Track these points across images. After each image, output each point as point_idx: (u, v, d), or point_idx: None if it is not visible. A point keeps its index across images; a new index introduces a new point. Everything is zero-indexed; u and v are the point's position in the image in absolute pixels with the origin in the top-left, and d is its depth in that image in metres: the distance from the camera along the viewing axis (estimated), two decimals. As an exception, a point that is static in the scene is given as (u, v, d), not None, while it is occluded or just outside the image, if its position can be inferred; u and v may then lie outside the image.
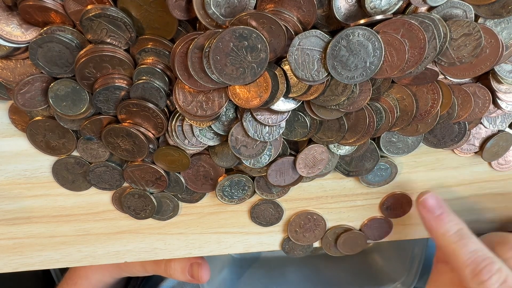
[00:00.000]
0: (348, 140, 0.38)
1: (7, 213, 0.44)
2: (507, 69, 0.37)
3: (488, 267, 0.36)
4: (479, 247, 0.38)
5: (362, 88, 0.35)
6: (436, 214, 0.41)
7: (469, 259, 0.37)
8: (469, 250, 0.37)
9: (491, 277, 0.35)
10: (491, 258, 0.37)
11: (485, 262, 0.36)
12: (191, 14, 0.32)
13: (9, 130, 0.40)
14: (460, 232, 0.39)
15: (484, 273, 0.36)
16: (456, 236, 0.39)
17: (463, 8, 0.33)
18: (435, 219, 0.40)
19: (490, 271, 0.36)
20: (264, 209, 0.45)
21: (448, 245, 0.39)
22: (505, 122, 0.41)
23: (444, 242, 0.39)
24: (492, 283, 0.35)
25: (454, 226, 0.39)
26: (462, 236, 0.39)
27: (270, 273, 0.67)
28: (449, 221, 0.40)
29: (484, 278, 0.36)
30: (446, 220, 0.40)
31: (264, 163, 0.39)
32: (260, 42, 0.32)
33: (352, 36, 0.32)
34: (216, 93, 0.35)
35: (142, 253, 0.47)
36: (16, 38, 0.33)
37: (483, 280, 0.36)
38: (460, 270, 0.37)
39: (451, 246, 0.39)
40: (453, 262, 0.39)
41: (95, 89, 0.35)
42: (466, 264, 0.37)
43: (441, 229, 0.40)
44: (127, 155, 0.39)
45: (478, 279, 0.36)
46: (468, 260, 0.37)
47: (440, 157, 0.44)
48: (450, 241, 0.39)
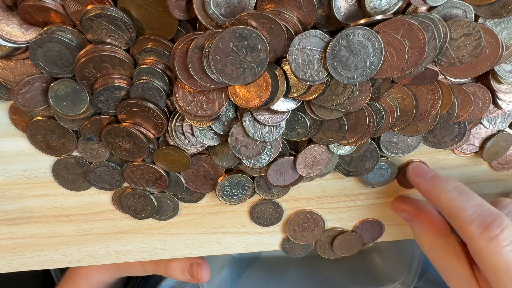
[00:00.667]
0: (348, 140, 0.38)
1: (7, 213, 0.44)
2: (507, 69, 0.37)
3: (497, 221, 0.33)
4: (482, 202, 0.35)
5: (362, 88, 0.35)
6: (429, 176, 0.39)
7: (475, 213, 0.34)
8: (473, 204, 0.34)
9: (502, 232, 0.32)
10: (497, 213, 0.33)
11: (493, 216, 0.33)
12: (191, 14, 0.32)
13: (9, 130, 0.40)
14: (458, 188, 0.36)
15: (494, 227, 0.32)
16: (455, 191, 0.36)
17: (463, 8, 0.33)
18: (429, 180, 0.38)
19: (499, 225, 0.32)
20: (264, 209, 0.45)
21: (449, 202, 0.36)
22: (505, 122, 0.41)
23: (444, 201, 0.36)
24: (504, 239, 0.32)
25: (451, 182, 0.37)
26: (462, 192, 0.36)
27: (270, 273, 0.67)
28: (443, 179, 0.38)
29: (495, 233, 0.32)
30: (441, 179, 0.38)
31: (264, 163, 0.39)
32: (260, 42, 0.32)
33: (352, 36, 0.32)
34: (216, 93, 0.35)
35: (142, 253, 0.47)
36: (16, 38, 0.33)
37: (494, 235, 0.32)
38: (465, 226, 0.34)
39: (451, 203, 0.36)
40: (455, 219, 0.35)
41: (95, 89, 0.35)
42: (472, 219, 0.33)
43: (437, 188, 0.37)
44: (127, 155, 0.39)
45: (487, 235, 0.32)
46: (473, 214, 0.34)
47: (440, 157, 0.44)
48: (450, 197, 0.36)
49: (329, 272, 0.66)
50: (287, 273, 0.66)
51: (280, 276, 0.66)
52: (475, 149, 0.43)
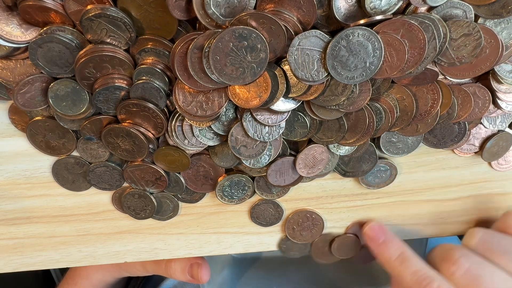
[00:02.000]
0: (348, 140, 0.38)
1: (7, 213, 0.44)
2: (507, 69, 0.37)
3: (430, 285, 0.37)
4: (419, 267, 0.39)
5: (362, 88, 0.35)
6: (380, 241, 0.43)
7: (411, 280, 0.39)
8: (411, 272, 0.39)
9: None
10: (431, 277, 0.38)
11: (425, 282, 0.38)
12: (191, 14, 0.32)
13: (9, 130, 0.40)
14: (402, 256, 0.41)
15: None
16: (399, 260, 0.41)
17: (463, 8, 0.33)
18: (379, 246, 0.43)
19: None
20: (264, 209, 0.45)
21: (393, 270, 0.41)
22: (505, 122, 0.41)
23: (390, 268, 0.41)
24: None
25: (396, 250, 0.41)
26: (404, 259, 0.41)
27: (271, 273, 0.67)
28: (391, 246, 0.42)
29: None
30: (389, 246, 0.42)
31: (264, 163, 0.39)
32: (260, 42, 0.32)
33: (352, 36, 0.32)
34: (216, 93, 0.35)
35: (142, 253, 0.47)
36: (16, 38, 0.33)
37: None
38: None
39: (395, 270, 0.41)
40: (399, 285, 0.41)
41: (95, 89, 0.35)
42: (409, 286, 0.39)
43: (385, 255, 0.42)
44: (127, 155, 0.39)
45: None
46: (410, 281, 0.39)
47: (440, 157, 0.44)
48: (394, 265, 0.41)
49: (329, 272, 0.66)
50: (287, 273, 0.66)
51: (281, 277, 0.66)
52: (475, 149, 0.43)
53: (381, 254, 0.43)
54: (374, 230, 0.44)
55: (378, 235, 0.44)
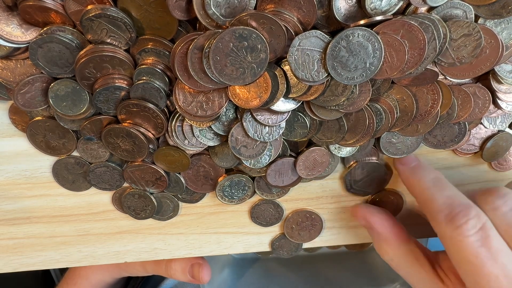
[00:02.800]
0: (348, 141, 0.38)
1: (7, 213, 0.44)
2: (507, 69, 0.37)
3: (464, 212, 0.33)
4: (455, 193, 0.35)
5: (361, 88, 0.35)
6: (412, 165, 0.40)
7: (444, 203, 0.34)
8: (445, 195, 0.35)
9: (467, 222, 0.33)
10: (468, 204, 0.34)
11: (461, 207, 0.33)
12: (191, 14, 0.32)
13: (9, 130, 0.40)
14: (436, 179, 0.37)
15: (460, 217, 0.33)
16: (431, 181, 0.37)
17: (463, 8, 0.33)
18: (410, 169, 0.39)
19: (466, 215, 0.33)
20: (264, 209, 0.45)
21: (423, 192, 0.37)
22: (505, 122, 0.41)
23: (420, 189, 0.37)
24: (468, 228, 0.32)
25: (430, 173, 0.38)
26: (438, 182, 0.37)
27: (271, 274, 0.67)
28: (424, 169, 0.38)
29: (460, 223, 0.33)
30: (422, 169, 0.38)
31: (264, 163, 0.39)
32: (260, 42, 0.32)
33: (352, 37, 0.32)
34: (216, 93, 0.35)
35: (142, 253, 0.47)
36: (16, 38, 0.33)
37: (459, 225, 0.33)
38: (434, 215, 0.35)
39: (426, 192, 0.36)
40: (427, 208, 0.36)
41: (95, 89, 0.35)
42: (441, 209, 0.34)
43: (416, 177, 0.38)
44: (127, 156, 0.39)
45: (453, 224, 0.33)
46: (443, 204, 0.34)
47: (440, 157, 0.44)
48: (425, 187, 0.37)
49: (329, 272, 0.66)
50: (287, 273, 0.67)
51: (281, 277, 0.66)
52: (475, 149, 0.43)
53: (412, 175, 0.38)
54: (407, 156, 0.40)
55: (410, 160, 0.40)
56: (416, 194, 0.38)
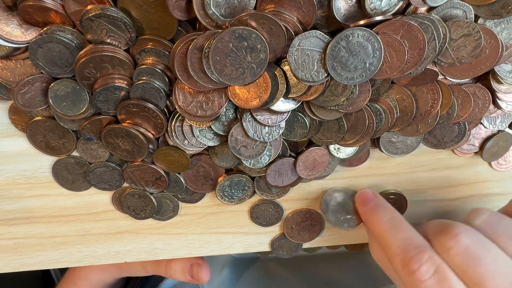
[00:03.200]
0: (348, 141, 0.38)
1: (7, 213, 0.44)
2: (507, 69, 0.37)
3: (418, 256, 0.33)
4: (410, 235, 0.35)
5: (361, 89, 0.35)
6: (370, 205, 0.40)
7: (399, 247, 0.34)
8: (400, 238, 0.35)
9: (420, 267, 0.32)
10: (422, 247, 0.33)
11: (415, 251, 0.33)
12: (191, 15, 0.32)
13: (9, 130, 0.40)
14: (392, 221, 0.37)
15: (414, 262, 0.33)
16: (387, 224, 0.37)
17: (463, 8, 0.33)
18: (369, 209, 0.39)
19: (419, 260, 0.33)
20: (264, 209, 0.45)
21: (381, 235, 0.37)
22: (505, 122, 0.41)
23: (377, 232, 0.37)
24: (422, 274, 0.32)
25: (387, 214, 0.38)
26: (394, 224, 0.36)
27: (271, 273, 0.67)
28: (381, 209, 0.38)
29: (414, 268, 0.32)
30: (379, 209, 0.39)
31: (264, 163, 0.39)
32: (260, 42, 0.32)
33: (352, 37, 0.32)
34: (216, 93, 0.35)
35: (142, 253, 0.47)
36: (16, 38, 0.33)
37: (413, 270, 0.32)
38: (391, 259, 0.35)
39: (383, 235, 0.36)
40: (385, 251, 0.36)
41: (95, 89, 0.35)
42: (397, 253, 0.34)
43: (374, 218, 0.38)
44: (126, 156, 0.39)
45: (408, 270, 0.33)
46: (398, 248, 0.34)
47: (440, 157, 0.44)
48: (382, 229, 0.37)
49: (329, 272, 0.66)
50: (287, 273, 0.67)
51: (280, 277, 0.66)
52: (475, 149, 0.43)
53: (369, 216, 0.39)
54: (365, 194, 0.40)
55: (369, 199, 0.40)
56: (376, 236, 0.38)
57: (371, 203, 0.40)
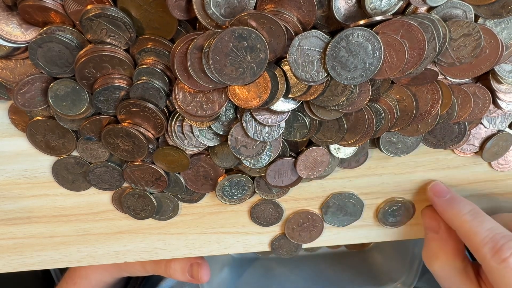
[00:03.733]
0: (348, 141, 0.38)
1: (7, 213, 0.44)
2: (507, 69, 0.37)
3: (508, 244, 0.35)
4: (495, 225, 0.37)
5: (361, 88, 0.35)
6: (447, 197, 0.41)
7: (487, 236, 0.36)
8: (486, 228, 0.36)
9: None
10: (510, 236, 0.35)
11: (504, 239, 0.35)
12: (191, 14, 0.32)
13: (9, 130, 0.40)
14: (474, 211, 0.38)
15: (505, 250, 0.34)
16: (470, 214, 0.38)
17: (463, 8, 0.33)
18: (447, 201, 0.40)
19: (510, 248, 0.34)
20: (264, 209, 0.45)
21: (463, 224, 0.38)
22: (505, 122, 0.41)
23: (459, 222, 0.38)
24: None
25: (467, 205, 0.39)
26: (477, 215, 0.38)
27: (270, 273, 0.67)
28: (460, 201, 0.40)
29: (506, 255, 0.34)
30: (458, 201, 0.40)
31: (264, 163, 0.39)
32: (260, 42, 0.32)
33: (352, 37, 0.32)
34: (216, 93, 0.35)
35: (142, 253, 0.47)
36: (16, 38, 0.33)
37: (505, 258, 0.34)
38: (478, 248, 0.36)
39: (466, 225, 0.38)
40: (470, 241, 0.37)
41: (95, 89, 0.35)
42: (485, 242, 0.36)
43: (454, 210, 0.39)
44: (126, 156, 0.39)
45: (499, 257, 0.35)
46: (486, 238, 0.36)
47: (440, 157, 0.44)
48: (465, 219, 0.38)
49: (329, 271, 0.66)
50: (287, 273, 0.67)
51: (281, 276, 0.66)
52: (475, 149, 0.43)
53: (449, 208, 0.40)
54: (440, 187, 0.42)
55: (444, 191, 0.41)
56: (456, 226, 0.39)
57: (447, 195, 0.41)
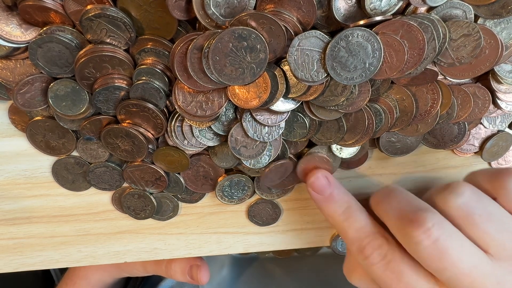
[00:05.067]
0: (347, 141, 0.38)
1: (7, 213, 0.44)
2: (507, 69, 0.37)
3: (371, 243, 0.36)
4: (364, 224, 0.38)
5: (361, 89, 0.35)
6: (326, 195, 0.40)
7: (353, 237, 0.38)
8: (356, 228, 0.38)
9: (373, 252, 0.36)
10: (374, 234, 0.37)
11: (368, 239, 0.37)
12: (190, 14, 0.32)
13: (9, 130, 0.40)
14: (348, 211, 0.39)
15: (368, 249, 0.36)
16: (344, 215, 0.39)
17: (462, 8, 0.33)
18: (324, 200, 0.40)
19: (372, 247, 0.36)
20: (262, 208, 0.45)
21: (338, 225, 0.39)
22: (505, 122, 0.41)
23: (334, 223, 0.39)
24: (373, 257, 0.36)
25: (342, 204, 0.39)
26: (350, 215, 0.39)
27: (270, 273, 0.67)
28: (337, 200, 0.40)
29: (368, 254, 0.36)
30: (335, 200, 0.40)
31: (265, 163, 0.39)
32: (260, 42, 0.32)
33: (351, 37, 0.32)
34: (216, 93, 0.35)
35: (142, 253, 0.47)
36: (16, 38, 0.33)
37: (367, 256, 0.36)
38: (349, 248, 0.38)
39: (340, 225, 0.39)
40: (344, 240, 0.40)
41: (95, 89, 0.35)
42: (352, 242, 0.38)
43: (329, 210, 0.40)
44: (126, 156, 0.39)
45: (362, 255, 0.37)
46: (352, 239, 0.38)
47: (440, 157, 0.44)
48: (339, 220, 0.39)
49: (329, 271, 0.66)
50: (286, 273, 0.67)
51: (280, 276, 0.66)
52: (475, 149, 0.43)
53: (325, 208, 0.40)
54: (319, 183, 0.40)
55: (324, 188, 0.40)
56: (333, 225, 0.40)
57: (327, 191, 0.40)
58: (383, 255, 0.36)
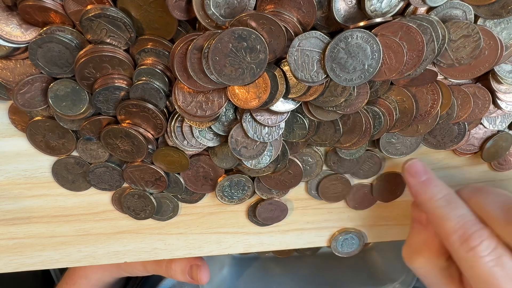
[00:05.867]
0: (343, 144, 0.38)
1: (7, 213, 0.44)
2: (506, 69, 0.37)
3: (478, 233, 0.34)
4: (467, 212, 0.36)
5: (359, 90, 0.35)
6: (422, 179, 0.39)
7: (458, 223, 0.35)
8: (458, 214, 0.35)
9: (481, 243, 0.33)
10: (479, 223, 0.35)
11: (475, 227, 0.34)
12: (190, 15, 0.32)
13: (9, 130, 0.40)
14: (448, 197, 0.37)
15: (474, 239, 0.34)
16: (444, 200, 0.37)
17: (462, 8, 0.33)
18: (421, 184, 0.39)
19: (480, 237, 0.34)
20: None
21: (435, 210, 0.37)
22: (505, 122, 0.41)
23: (431, 207, 0.37)
24: (482, 249, 0.33)
25: (442, 190, 0.38)
26: (450, 201, 0.37)
27: (270, 273, 0.67)
28: (435, 185, 0.38)
29: (474, 244, 0.33)
30: (433, 185, 0.38)
31: (265, 163, 0.39)
32: (259, 43, 0.32)
33: (351, 39, 0.32)
34: (216, 93, 0.35)
35: (142, 253, 0.47)
36: (16, 38, 0.33)
37: (473, 246, 0.33)
38: (448, 235, 0.35)
39: (438, 210, 0.37)
40: (440, 227, 0.36)
41: (95, 89, 0.35)
42: (455, 229, 0.35)
43: (427, 194, 0.38)
44: (126, 156, 0.39)
45: (467, 245, 0.34)
46: (456, 225, 0.35)
47: (440, 157, 0.44)
48: (438, 205, 0.37)
49: (329, 271, 0.66)
50: (286, 272, 0.67)
51: (280, 276, 0.66)
52: (475, 149, 0.43)
53: (422, 191, 0.38)
54: (417, 166, 0.39)
55: (421, 172, 0.39)
56: (428, 211, 0.38)
57: (424, 176, 0.39)
58: (493, 248, 0.33)
